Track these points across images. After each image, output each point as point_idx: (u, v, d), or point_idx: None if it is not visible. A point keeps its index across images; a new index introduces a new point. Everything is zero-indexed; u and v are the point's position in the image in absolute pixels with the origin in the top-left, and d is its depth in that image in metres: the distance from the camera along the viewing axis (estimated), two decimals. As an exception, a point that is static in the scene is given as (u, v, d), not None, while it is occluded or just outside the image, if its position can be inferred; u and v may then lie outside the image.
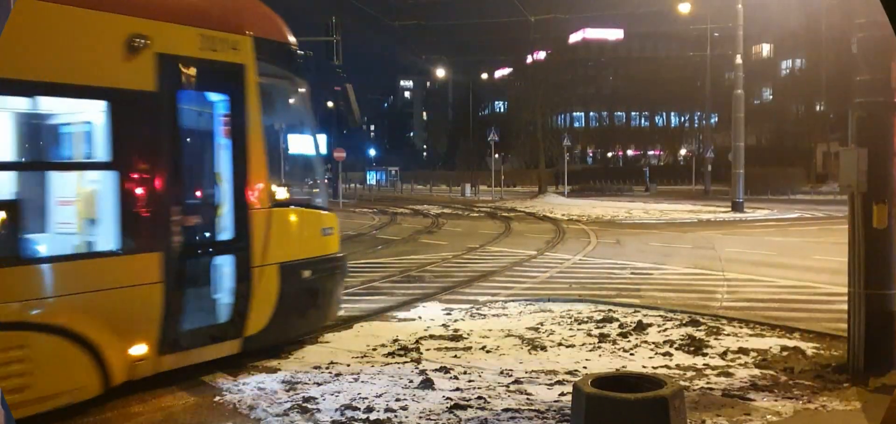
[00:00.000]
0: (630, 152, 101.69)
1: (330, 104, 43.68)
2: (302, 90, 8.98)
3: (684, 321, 9.85)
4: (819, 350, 8.31)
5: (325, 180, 10.15)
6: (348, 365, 8.05)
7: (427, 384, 7.23)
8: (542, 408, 6.49)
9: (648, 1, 66.43)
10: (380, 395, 6.93)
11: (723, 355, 8.21)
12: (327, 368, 7.95)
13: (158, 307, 6.99)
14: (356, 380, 7.46)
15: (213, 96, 7.88)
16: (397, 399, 6.79)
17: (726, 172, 40.55)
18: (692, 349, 8.46)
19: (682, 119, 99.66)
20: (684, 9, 42.55)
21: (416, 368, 7.84)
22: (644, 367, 7.77)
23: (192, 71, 7.35)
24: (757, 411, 6.37)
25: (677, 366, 7.82)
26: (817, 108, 66.98)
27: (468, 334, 9.40)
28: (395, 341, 9.12)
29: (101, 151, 6.92)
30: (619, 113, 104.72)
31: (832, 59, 60.11)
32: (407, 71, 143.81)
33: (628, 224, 28.89)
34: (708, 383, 7.18)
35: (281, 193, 8.54)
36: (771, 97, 76.68)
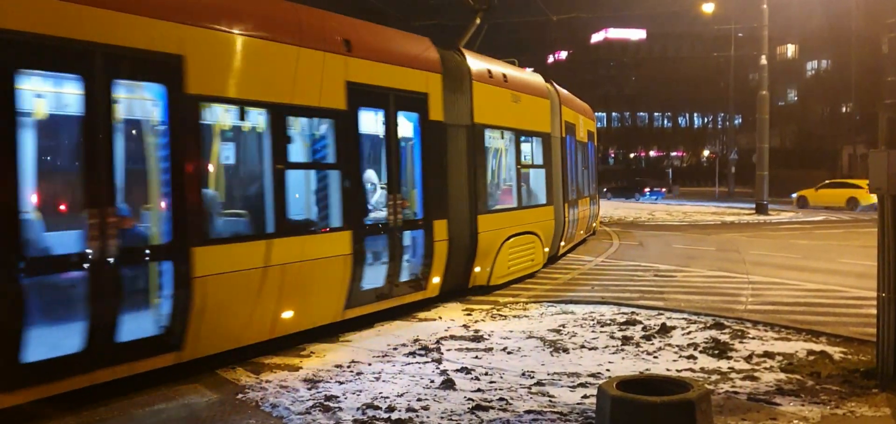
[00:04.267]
0: (653, 153, 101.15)
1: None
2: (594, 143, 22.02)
3: (708, 325, 9.75)
4: (846, 355, 8.19)
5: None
6: (369, 364, 8.04)
7: (448, 384, 7.20)
8: (564, 411, 6.44)
9: (671, 1, 65.97)
10: (401, 395, 6.92)
11: (748, 358, 8.11)
12: (348, 367, 7.95)
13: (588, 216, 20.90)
14: (377, 379, 7.45)
15: (589, 144, 20.72)
16: (419, 399, 6.77)
17: (750, 173, 40.17)
18: (717, 352, 8.37)
19: (706, 120, 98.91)
20: (708, 9, 42.17)
21: (437, 368, 7.81)
22: (668, 370, 7.70)
23: (587, 137, 20.24)
24: (783, 416, 6.28)
25: (701, 369, 7.73)
26: (843, 109, 66.14)
27: (489, 335, 9.37)
28: (416, 341, 9.11)
29: (588, 161, 20.83)
30: (641, 113, 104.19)
31: (859, 59, 59.37)
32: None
33: (651, 226, 28.71)
34: (733, 387, 7.09)
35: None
36: (796, 98, 75.83)
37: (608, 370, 7.74)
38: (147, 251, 7.26)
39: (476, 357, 8.29)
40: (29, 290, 6.06)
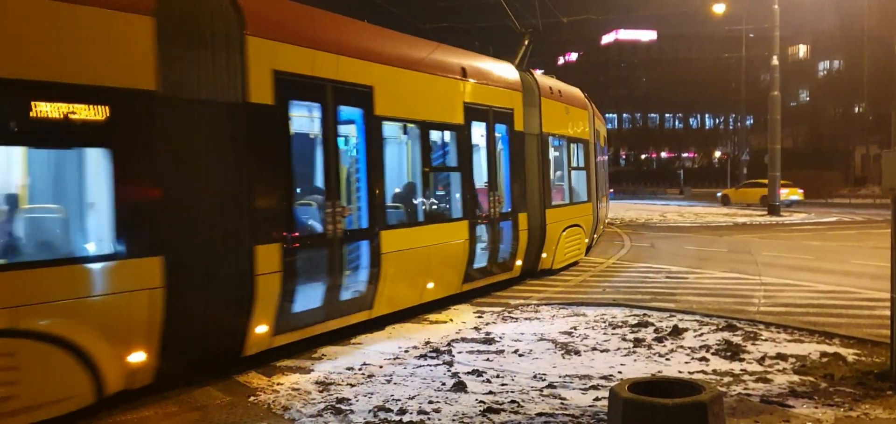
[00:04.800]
0: (664, 154, 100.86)
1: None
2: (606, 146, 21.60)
3: (721, 326, 9.71)
4: (860, 357, 8.14)
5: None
6: (381, 367, 8.06)
7: (459, 386, 7.20)
8: (576, 413, 6.43)
9: (682, 2, 65.79)
10: (412, 397, 6.93)
11: (761, 360, 8.07)
12: (360, 369, 7.96)
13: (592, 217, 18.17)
14: (389, 382, 7.46)
15: (605, 148, 19.95)
16: (430, 402, 6.77)
17: (762, 174, 39.97)
18: (729, 354, 8.34)
19: (717, 121, 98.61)
20: (718, 9, 42.04)
21: (449, 370, 7.82)
22: (680, 372, 7.67)
23: (604, 141, 18.67)
24: (796, 418, 6.25)
25: (714, 371, 7.70)
26: (856, 109, 65.76)
27: (500, 337, 9.36)
28: (427, 343, 9.12)
29: (605, 163, 22.57)
30: (652, 115, 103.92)
31: (872, 59, 59.00)
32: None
33: (663, 227, 28.63)
34: (745, 389, 7.06)
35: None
36: (808, 99, 75.47)
37: (620, 372, 7.72)
38: (355, 234, 9.36)
39: (487, 360, 8.29)
40: (296, 260, 8.26)
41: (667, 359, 8.23)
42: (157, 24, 6.89)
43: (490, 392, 7.03)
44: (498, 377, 7.58)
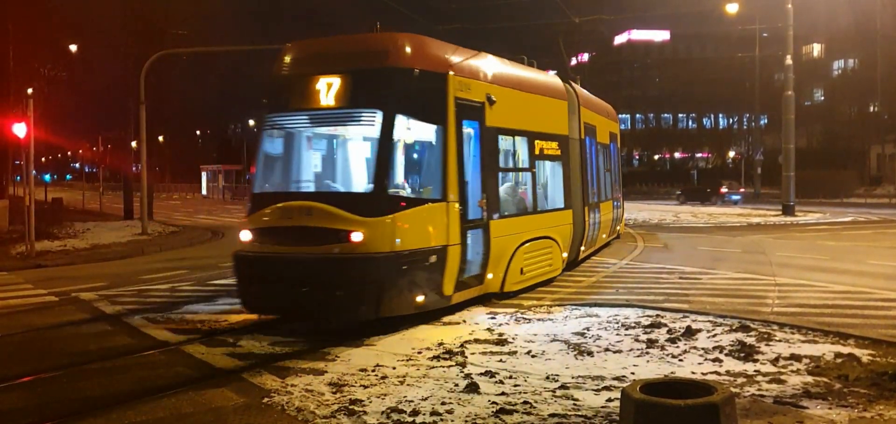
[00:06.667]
0: (677, 155, 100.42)
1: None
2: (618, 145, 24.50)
3: (734, 327, 9.68)
4: (875, 358, 8.10)
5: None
6: (394, 368, 8.08)
7: (472, 388, 7.22)
8: (589, 414, 6.43)
9: (695, 1, 65.55)
10: (425, 398, 6.95)
11: (774, 361, 8.04)
12: (373, 370, 7.99)
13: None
14: (402, 383, 7.49)
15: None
16: (443, 403, 6.79)
17: (776, 174, 39.76)
18: (742, 355, 8.31)
19: (731, 121, 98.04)
20: (732, 9, 41.76)
21: (462, 372, 7.83)
22: (693, 373, 7.66)
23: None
24: (810, 419, 6.23)
25: (727, 372, 7.68)
26: (871, 108, 65.27)
27: (513, 338, 9.37)
28: (440, 344, 9.13)
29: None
30: (665, 115, 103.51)
31: (887, 58, 58.57)
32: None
33: (676, 228, 28.55)
34: (759, 390, 7.04)
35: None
36: (822, 98, 74.95)
37: (633, 373, 7.72)
38: (595, 204, 17.31)
39: (500, 361, 8.30)
40: (592, 213, 16.81)
41: (680, 360, 8.22)
42: (567, 103, 15.41)
43: (503, 393, 7.05)
44: (511, 378, 7.60)
